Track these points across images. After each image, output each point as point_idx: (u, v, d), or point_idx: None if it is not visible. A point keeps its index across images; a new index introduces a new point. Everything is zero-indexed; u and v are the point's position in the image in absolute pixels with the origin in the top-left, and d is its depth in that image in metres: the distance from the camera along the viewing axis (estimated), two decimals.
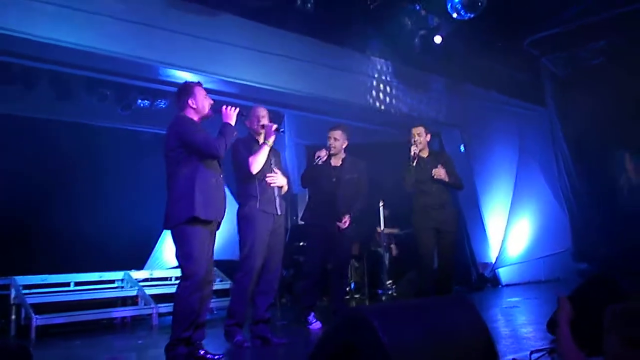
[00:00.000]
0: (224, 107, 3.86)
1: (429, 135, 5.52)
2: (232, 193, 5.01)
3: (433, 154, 5.62)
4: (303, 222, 5.37)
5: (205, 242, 3.65)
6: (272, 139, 4.26)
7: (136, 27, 5.22)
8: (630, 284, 3.53)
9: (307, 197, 5.43)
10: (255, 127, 4.38)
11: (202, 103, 3.80)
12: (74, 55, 5.09)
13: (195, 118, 3.78)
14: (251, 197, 4.23)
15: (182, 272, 3.63)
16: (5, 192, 6.37)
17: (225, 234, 4.32)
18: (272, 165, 4.36)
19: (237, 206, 4.35)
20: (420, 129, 5.48)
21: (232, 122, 3.81)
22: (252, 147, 4.29)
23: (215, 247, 3.86)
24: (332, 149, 5.14)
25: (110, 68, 5.59)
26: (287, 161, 7.88)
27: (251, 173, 4.18)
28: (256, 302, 4.31)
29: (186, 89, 3.82)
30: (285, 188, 4.45)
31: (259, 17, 5.97)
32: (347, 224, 5.14)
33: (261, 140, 4.31)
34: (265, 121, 4.36)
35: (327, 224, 5.05)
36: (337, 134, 5.17)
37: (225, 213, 3.84)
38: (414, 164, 5.35)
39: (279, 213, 4.34)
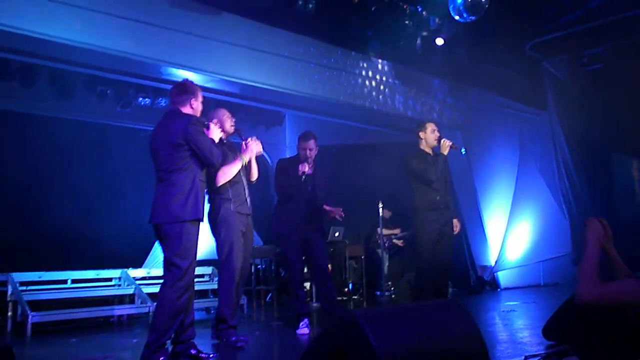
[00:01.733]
0: (211, 123, 3.96)
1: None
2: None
3: (438, 155, 5.51)
4: (276, 231, 5.18)
5: (197, 243, 3.66)
6: (247, 157, 4.30)
7: (137, 25, 5.22)
8: None
9: (277, 205, 5.26)
10: (228, 128, 4.39)
11: (199, 106, 3.83)
12: (73, 53, 5.09)
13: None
14: (225, 200, 4.28)
15: (176, 271, 3.51)
16: (3, 189, 6.38)
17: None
18: (242, 168, 4.39)
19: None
20: (434, 125, 5.38)
21: (216, 139, 3.88)
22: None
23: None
24: (309, 159, 5.04)
25: (111, 66, 5.58)
26: None
27: (216, 178, 4.21)
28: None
29: (191, 88, 3.83)
30: (255, 176, 4.51)
31: (261, 17, 5.97)
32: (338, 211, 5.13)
33: (229, 130, 4.39)
34: (232, 124, 4.40)
35: (306, 233, 5.00)
36: (312, 143, 5.06)
37: None
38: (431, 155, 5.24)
39: (249, 213, 4.42)
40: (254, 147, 4.30)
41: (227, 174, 4.22)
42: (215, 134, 3.89)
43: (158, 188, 3.63)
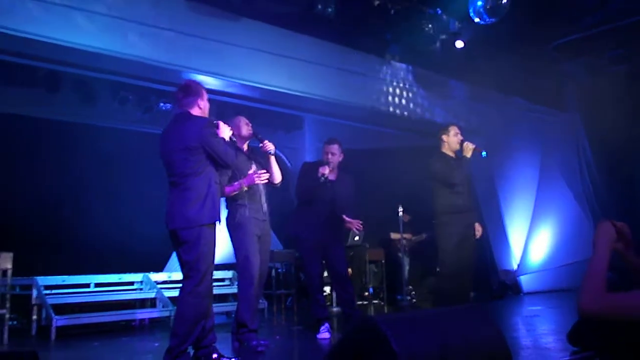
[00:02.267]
0: (220, 122, 3.86)
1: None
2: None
3: (460, 159, 5.46)
4: (293, 234, 5.18)
5: (215, 247, 3.65)
6: (247, 185, 4.29)
7: (159, 31, 5.28)
8: None
9: (296, 208, 5.23)
10: (245, 132, 4.44)
11: (207, 106, 3.81)
12: (96, 60, 5.16)
13: None
14: (241, 205, 4.31)
15: (194, 276, 3.49)
16: (28, 194, 6.49)
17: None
18: (255, 168, 4.41)
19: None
20: (457, 128, 5.36)
21: (227, 138, 3.81)
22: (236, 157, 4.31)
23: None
24: (330, 163, 5.03)
25: (133, 72, 5.65)
26: None
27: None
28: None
29: (197, 89, 3.79)
30: (278, 178, 4.52)
31: (280, 22, 5.99)
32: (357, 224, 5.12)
33: (244, 148, 4.46)
34: (249, 128, 4.45)
35: (324, 238, 4.99)
36: (335, 148, 5.06)
37: None
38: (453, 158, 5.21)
39: (266, 220, 4.43)
40: (256, 178, 4.23)
41: (225, 193, 4.22)
42: (225, 132, 3.82)
43: (173, 193, 3.59)
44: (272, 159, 4.46)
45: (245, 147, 4.52)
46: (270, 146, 4.42)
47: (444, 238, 5.19)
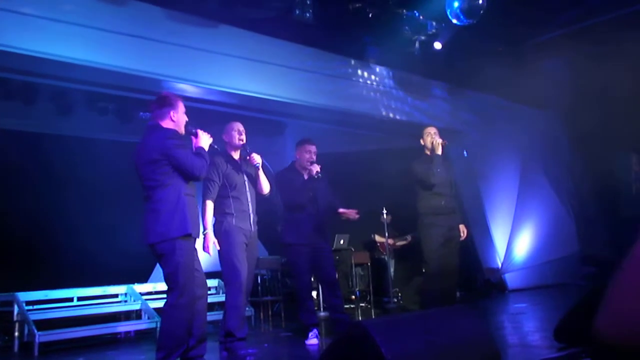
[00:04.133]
0: (200, 130, 3.81)
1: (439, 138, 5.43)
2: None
3: (445, 160, 5.53)
4: (287, 243, 5.08)
5: (193, 258, 3.62)
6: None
7: (136, 40, 5.22)
8: None
9: (285, 215, 5.19)
10: (236, 142, 4.43)
11: (181, 118, 3.73)
12: (73, 70, 5.09)
13: (175, 130, 3.68)
14: (227, 214, 4.30)
15: (175, 288, 3.46)
16: (6, 208, 6.38)
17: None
18: (246, 182, 4.44)
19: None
20: (434, 129, 5.42)
21: (206, 147, 3.76)
22: (224, 164, 4.36)
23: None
24: (314, 162, 5.07)
25: (111, 82, 5.58)
26: None
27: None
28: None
29: (169, 100, 3.73)
30: (266, 189, 4.52)
31: (258, 28, 5.97)
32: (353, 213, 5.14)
33: (235, 156, 4.47)
34: (240, 137, 4.44)
35: (313, 243, 4.99)
36: (314, 148, 5.13)
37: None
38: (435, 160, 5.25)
39: (253, 229, 4.42)
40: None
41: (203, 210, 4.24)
42: (204, 140, 3.78)
43: (145, 207, 3.56)
44: (260, 170, 4.45)
45: (236, 155, 4.50)
46: (256, 159, 4.41)
47: (427, 239, 5.28)
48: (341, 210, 5.14)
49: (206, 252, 4.11)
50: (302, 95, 6.43)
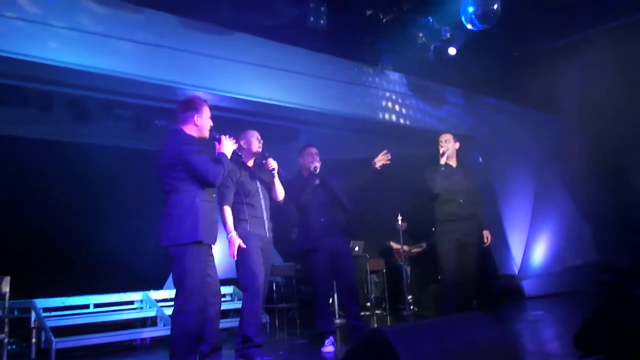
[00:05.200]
0: (224, 136, 3.81)
1: (457, 143, 5.43)
2: None
3: (463, 166, 5.52)
4: (303, 249, 5.05)
5: (204, 264, 3.59)
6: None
7: (150, 48, 5.27)
8: None
9: (299, 223, 5.15)
10: (255, 148, 4.45)
11: (205, 123, 3.73)
12: (88, 78, 5.14)
13: (195, 135, 3.68)
14: (242, 220, 4.29)
15: (181, 293, 3.46)
16: (24, 215, 6.44)
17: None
18: (260, 189, 4.43)
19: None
20: (448, 136, 5.41)
21: (229, 154, 3.75)
22: (238, 170, 4.36)
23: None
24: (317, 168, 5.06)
25: (126, 90, 5.63)
26: None
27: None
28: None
29: (194, 104, 3.72)
30: (281, 196, 4.50)
31: (273, 35, 5.99)
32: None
33: (250, 163, 4.48)
34: (260, 144, 4.45)
35: (329, 244, 4.97)
36: (315, 149, 5.15)
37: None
38: (442, 168, 5.27)
39: (268, 236, 4.40)
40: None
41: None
42: (227, 147, 3.78)
43: (162, 210, 3.58)
44: (275, 177, 4.44)
45: (251, 162, 4.51)
46: (273, 164, 4.40)
47: (441, 246, 5.29)
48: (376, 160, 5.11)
49: (232, 256, 4.09)
50: (316, 101, 6.44)
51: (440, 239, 5.30)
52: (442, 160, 5.28)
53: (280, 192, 4.49)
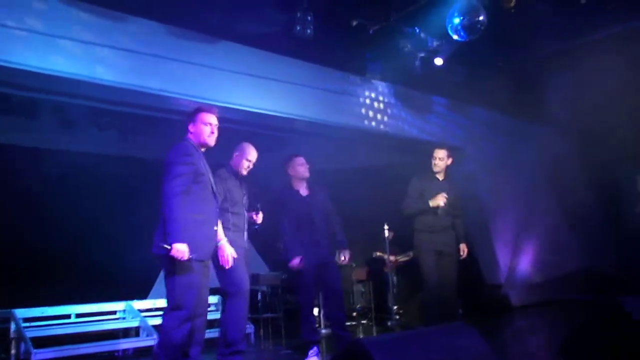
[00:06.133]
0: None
1: (450, 159, 5.53)
2: None
3: (448, 178, 5.60)
4: (290, 259, 5.02)
5: (198, 274, 3.58)
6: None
7: (136, 56, 5.22)
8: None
9: (286, 234, 5.14)
10: (241, 169, 4.53)
11: (199, 129, 3.76)
12: (74, 86, 5.08)
13: (194, 143, 3.76)
14: (225, 228, 4.27)
15: (168, 299, 3.53)
16: (6, 223, 6.34)
17: None
18: (244, 196, 4.51)
19: None
20: (443, 153, 5.48)
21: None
22: (228, 179, 4.41)
23: None
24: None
25: (111, 98, 5.57)
26: None
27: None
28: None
29: (192, 113, 3.83)
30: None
31: (259, 44, 5.98)
32: (347, 258, 5.20)
33: (243, 172, 4.52)
34: (247, 167, 4.54)
35: (319, 258, 4.97)
36: (304, 159, 5.26)
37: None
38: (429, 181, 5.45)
39: (247, 246, 4.49)
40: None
41: None
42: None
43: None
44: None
45: (245, 171, 4.55)
46: (259, 220, 4.57)
47: (422, 256, 5.43)
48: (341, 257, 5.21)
49: (223, 264, 4.03)
50: (303, 110, 6.42)
51: (420, 249, 5.44)
52: (434, 204, 5.37)
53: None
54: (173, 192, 3.47)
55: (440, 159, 5.45)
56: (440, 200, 5.29)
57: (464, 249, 5.46)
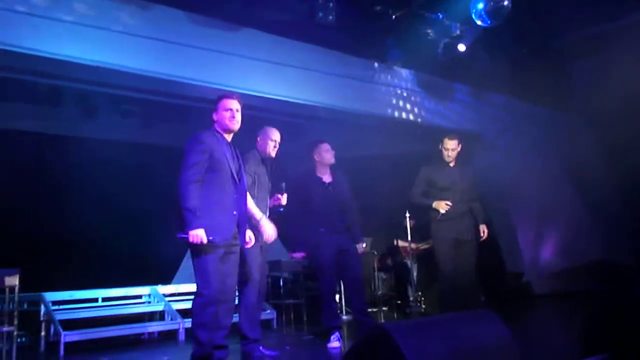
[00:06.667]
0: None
1: (460, 146, 5.50)
2: None
3: (460, 164, 5.57)
4: (313, 243, 5.07)
5: (220, 260, 3.64)
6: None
7: (158, 43, 5.27)
8: None
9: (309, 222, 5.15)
10: (268, 150, 4.51)
11: (221, 116, 3.84)
12: (97, 73, 5.15)
13: (220, 130, 3.84)
14: None
15: (197, 280, 3.65)
16: (33, 209, 6.47)
17: None
18: (268, 182, 4.52)
19: None
20: (454, 143, 5.46)
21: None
22: (259, 165, 4.42)
23: None
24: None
25: (133, 85, 5.64)
26: None
27: None
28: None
29: (216, 101, 3.90)
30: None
31: (281, 31, 5.99)
32: (365, 247, 5.22)
33: (271, 154, 4.51)
34: (274, 147, 4.51)
35: (340, 244, 5.01)
36: (329, 145, 5.23)
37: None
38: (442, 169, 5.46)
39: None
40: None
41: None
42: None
43: None
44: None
45: (273, 152, 4.57)
46: (283, 201, 4.54)
47: (437, 244, 5.45)
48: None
49: (267, 240, 4.13)
50: (324, 97, 6.43)
51: (436, 237, 5.44)
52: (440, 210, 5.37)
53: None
54: (188, 180, 3.57)
55: (453, 150, 5.45)
56: (443, 207, 5.30)
57: (484, 229, 5.43)
